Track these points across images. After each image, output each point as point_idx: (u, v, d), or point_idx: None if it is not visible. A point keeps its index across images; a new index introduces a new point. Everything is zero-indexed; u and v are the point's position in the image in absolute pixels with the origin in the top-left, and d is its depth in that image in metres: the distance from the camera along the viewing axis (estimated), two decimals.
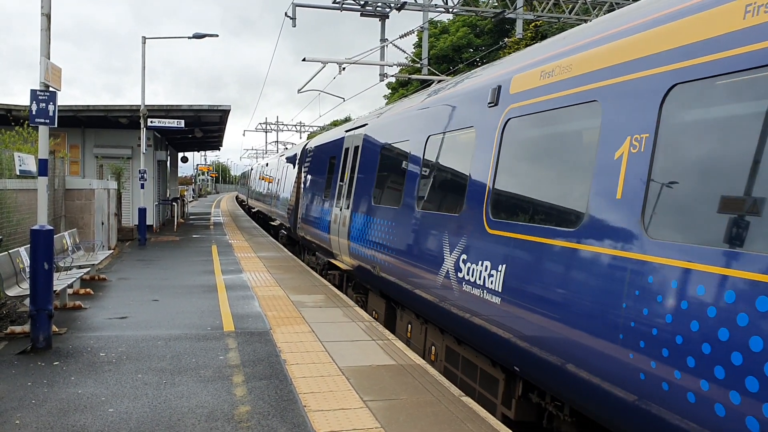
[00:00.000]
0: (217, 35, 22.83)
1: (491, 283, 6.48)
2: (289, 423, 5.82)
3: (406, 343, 9.72)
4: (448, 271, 7.57)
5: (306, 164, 19.97)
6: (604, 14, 27.63)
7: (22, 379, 6.95)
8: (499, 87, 7.19)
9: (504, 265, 6.29)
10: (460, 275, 7.21)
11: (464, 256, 7.20)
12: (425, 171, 9.14)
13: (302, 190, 19.79)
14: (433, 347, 9.09)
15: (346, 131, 14.98)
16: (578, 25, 29.33)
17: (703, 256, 3.97)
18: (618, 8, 28.08)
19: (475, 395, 7.55)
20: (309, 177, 18.96)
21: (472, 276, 6.92)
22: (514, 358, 6.21)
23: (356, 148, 13.48)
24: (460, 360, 8.13)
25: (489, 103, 7.35)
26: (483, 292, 6.63)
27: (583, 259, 5.13)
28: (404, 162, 9.98)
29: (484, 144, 7.25)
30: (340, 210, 13.57)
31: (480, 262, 6.78)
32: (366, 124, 13.30)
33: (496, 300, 6.36)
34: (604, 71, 5.27)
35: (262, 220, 33.70)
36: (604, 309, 4.77)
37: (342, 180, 14.06)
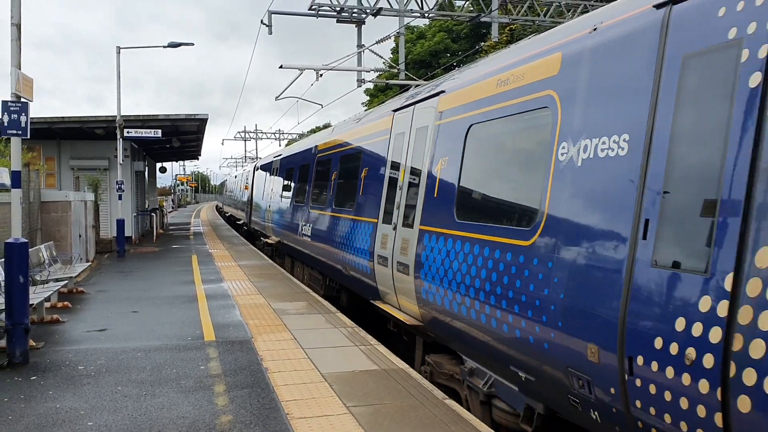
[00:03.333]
0: (193, 44, 22.72)
1: (309, 233, 14.74)
2: (271, 431, 5.77)
3: (298, 279, 16.56)
4: (301, 232, 15.74)
5: (255, 176, 28.64)
6: (579, 16, 27.85)
7: None
8: (316, 146, 15.81)
9: (311, 223, 14.62)
10: (303, 231, 15.42)
11: (304, 222, 15.49)
12: (299, 183, 17.28)
13: (253, 195, 28.12)
14: (304, 276, 16.81)
15: (274, 157, 23.89)
16: (555, 26, 29.50)
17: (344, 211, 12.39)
18: (591, 8, 28.34)
19: (313, 290, 14.54)
20: (256, 186, 27.65)
21: (306, 231, 15.11)
22: (319, 266, 14.44)
23: (277, 167, 21.96)
24: (312, 278, 15.77)
25: (312, 152, 16.09)
26: (307, 237, 14.81)
27: (333, 219, 12.68)
28: (292, 177, 18.55)
29: (312, 171, 15.70)
30: (269, 206, 22.23)
31: (306, 224, 15.12)
32: (281, 154, 22.39)
33: (309, 240, 14.69)
34: (336, 145, 13.66)
35: (233, 222, 40.77)
36: (341, 237, 11.84)
37: (271, 187, 22.67)
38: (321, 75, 24.59)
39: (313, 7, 24.87)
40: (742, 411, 3.47)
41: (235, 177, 44.42)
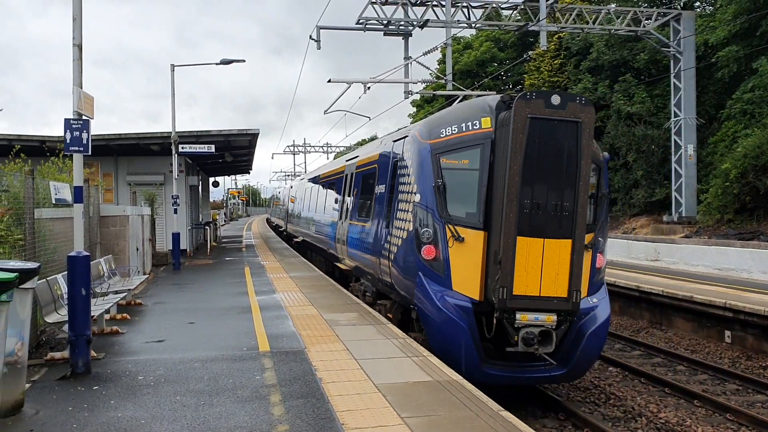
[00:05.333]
0: (244, 60, 23.02)
1: (314, 230, 23.19)
2: None
3: (313, 264, 23.02)
4: (310, 230, 24.18)
5: (289, 193, 38.65)
6: (627, 24, 27.34)
7: (63, 404, 7.03)
8: (319, 175, 24.60)
9: (315, 224, 22.92)
10: (311, 230, 23.90)
11: (312, 224, 23.84)
12: (311, 199, 25.09)
13: (290, 206, 36.58)
14: (315, 261, 24.11)
15: (300, 179, 35.94)
16: (603, 35, 29.01)
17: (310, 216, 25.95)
18: (641, 15, 27.73)
19: (320, 269, 20.83)
20: (290, 200, 37.08)
21: (312, 229, 23.60)
22: (319, 252, 22.83)
23: (302, 187, 31.05)
24: (319, 261, 23.35)
25: (316, 179, 25.21)
26: (313, 233, 23.34)
27: (323, 220, 20.99)
28: (309, 195, 26.36)
29: (317, 190, 23.99)
30: (297, 215, 31.16)
31: (313, 225, 23.45)
32: (304, 178, 33.41)
33: (314, 234, 23.08)
34: (327, 176, 22.21)
35: (280, 232, 48.61)
36: (325, 231, 20.21)
37: (298, 201, 31.58)
38: (369, 88, 24.78)
39: (361, 21, 25.11)
40: (393, 267, 11.03)
41: (279, 193, 59.31)
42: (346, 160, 18.50)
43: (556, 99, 9.03)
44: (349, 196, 16.63)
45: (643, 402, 10.37)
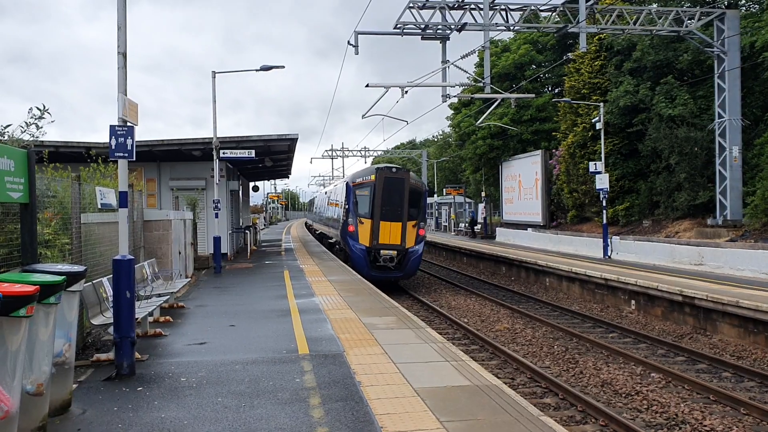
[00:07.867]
0: (283, 66, 23.14)
1: (324, 225, 38.28)
2: None
3: (325, 247, 34.52)
4: (325, 223, 37.20)
5: (315, 199, 53.95)
6: (669, 25, 26.89)
7: (109, 405, 7.20)
8: (327, 191, 40.44)
9: (323, 220, 38.59)
10: (323, 223, 39.13)
11: (323, 219, 39.19)
12: (325, 204, 38.61)
13: (314, 209, 51.01)
14: (324, 243, 37.14)
15: (323, 190, 50.89)
16: (644, 35, 28.58)
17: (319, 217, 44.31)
18: (684, 15, 27.18)
19: (324, 245, 36.19)
20: (313, 204, 55.84)
21: (325, 222, 37.24)
22: (326, 237, 35.79)
23: (323, 196, 42.75)
24: (327, 245, 34.12)
25: (325, 193, 40.94)
26: (323, 226, 38.55)
27: (328, 218, 35.09)
28: (324, 201, 39.11)
29: (328, 200, 36.17)
30: (318, 213, 44.47)
31: (324, 220, 38.45)
32: (321, 192, 50.67)
33: (324, 227, 38.11)
34: (333, 191, 35.08)
35: (309, 227, 60.22)
36: (328, 223, 35.19)
37: (318, 206, 46.97)
38: (406, 92, 24.83)
39: (398, 25, 25.17)
40: (340, 236, 26.10)
41: (312, 200, 73.53)
42: (334, 186, 34.75)
43: (394, 169, 22.91)
44: (334, 203, 30.33)
45: (687, 409, 10.16)
